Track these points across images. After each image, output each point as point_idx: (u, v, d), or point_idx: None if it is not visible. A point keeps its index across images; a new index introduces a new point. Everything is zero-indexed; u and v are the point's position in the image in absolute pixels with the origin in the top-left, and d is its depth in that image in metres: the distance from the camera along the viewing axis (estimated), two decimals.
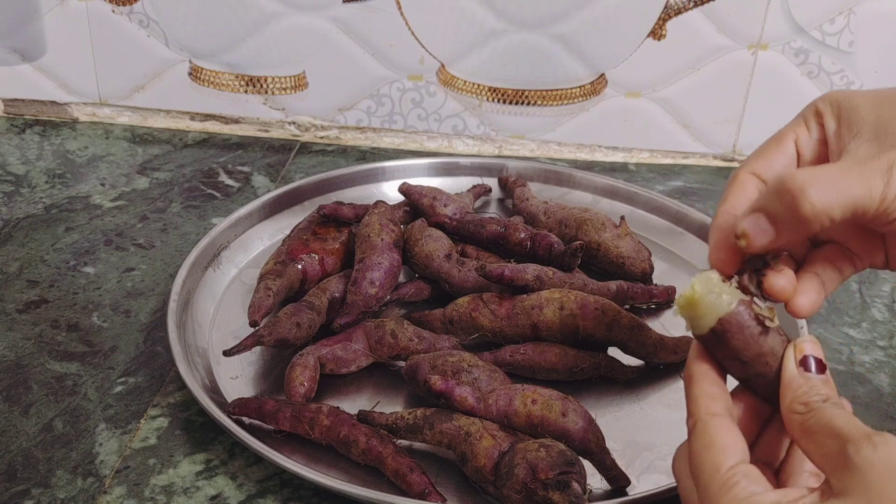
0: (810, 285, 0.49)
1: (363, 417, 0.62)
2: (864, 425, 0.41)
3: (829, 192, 0.43)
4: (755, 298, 0.47)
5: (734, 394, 0.48)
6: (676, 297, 0.48)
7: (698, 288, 0.47)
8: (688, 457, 0.45)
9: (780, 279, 0.47)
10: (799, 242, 0.51)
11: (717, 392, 0.46)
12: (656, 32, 0.94)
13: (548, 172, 0.92)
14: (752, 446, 0.47)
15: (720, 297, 0.46)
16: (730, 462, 0.43)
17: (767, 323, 0.46)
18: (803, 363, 0.45)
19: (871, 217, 0.45)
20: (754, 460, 0.46)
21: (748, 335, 0.46)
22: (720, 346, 0.47)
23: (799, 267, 0.50)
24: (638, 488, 0.60)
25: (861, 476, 0.39)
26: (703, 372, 0.47)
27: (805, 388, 0.44)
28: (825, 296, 0.50)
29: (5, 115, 1.05)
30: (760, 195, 0.46)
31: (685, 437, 0.50)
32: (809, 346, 0.46)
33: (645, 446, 0.64)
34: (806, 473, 0.46)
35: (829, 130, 0.50)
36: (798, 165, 0.51)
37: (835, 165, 0.46)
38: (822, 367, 0.45)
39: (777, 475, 0.48)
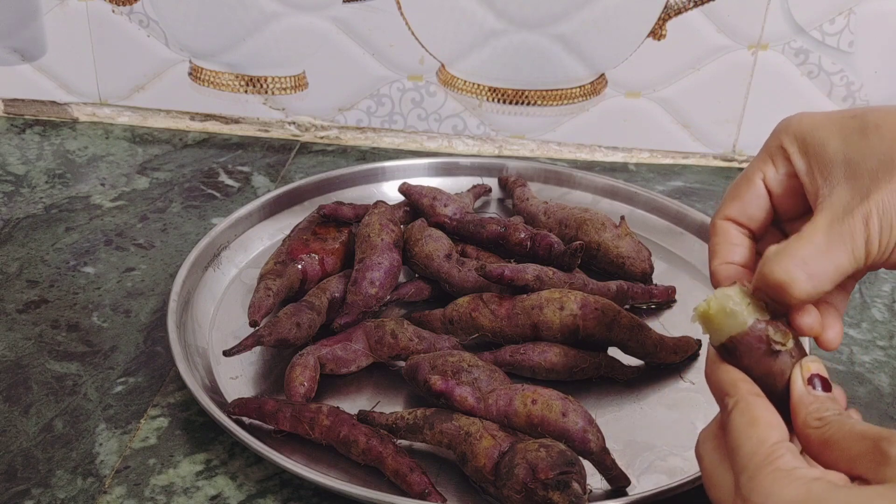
0: (833, 319, 0.51)
1: (363, 417, 0.62)
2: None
3: (814, 278, 0.46)
4: (773, 321, 0.47)
5: None
6: (694, 307, 0.49)
7: (714, 304, 0.48)
8: (725, 434, 0.46)
9: (807, 317, 0.49)
10: None
11: (749, 378, 0.47)
12: (656, 32, 0.94)
13: (548, 172, 0.92)
14: None
15: (734, 317, 0.47)
16: (775, 437, 0.44)
17: (779, 347, 0.47)
18: (812, 381, 0.46)
19: (862, 271, 0.47)
20: None
21: (758, 356, 0.47)
22: (731, 359, 0.48)
23: None
24: (638, 488, 0.60)
25: None
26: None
27: (816, 404, 0.45)
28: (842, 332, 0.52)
29: (5, 115, 1.05)
30: (756, 279, 0.48)
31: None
32: (815, 365, 0.47)
33: (645, 446, 0.64)
34: None
35: (800, 169, 0.51)
36: (771, 201, 0.53)
37: (810, 239, 0.47)
38: (827, 386, 0.47)
39: None
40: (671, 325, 0.74)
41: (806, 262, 0.46)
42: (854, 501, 0.39)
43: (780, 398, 0.47)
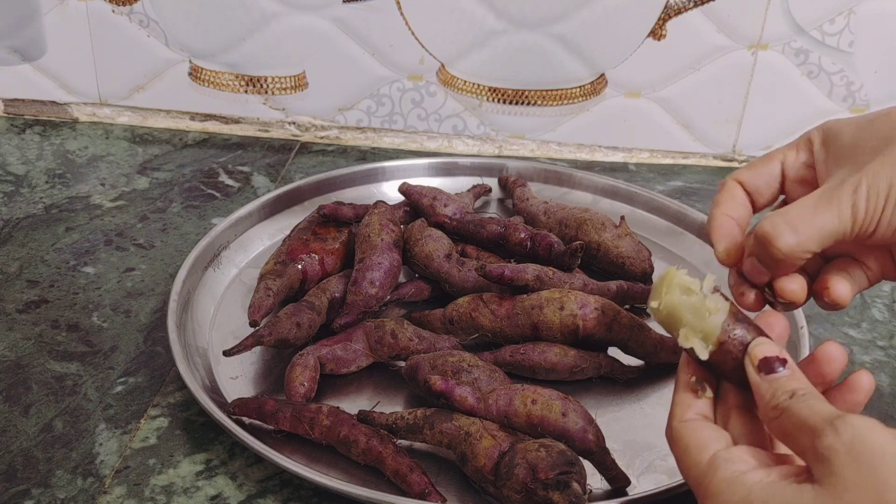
0: (839, 277, 0.53)
1: (363, 417, 0.62)
2: (830, 409, 0.42)
3: (798, 233, 0.48)
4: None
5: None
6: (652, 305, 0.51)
7: (661, 314, 0.50)
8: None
9: (790, 283, 0.51)
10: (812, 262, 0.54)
11: (690, 400, 0.49)
12: (656, 32, 0.94)
13: (548, 172, 0.92)
14: (745, 433, 0.49)
15: (677, 325, 0.49)
16: (707, 455, 0.45)
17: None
18: (763, 367, 0.46)
19: (851, 238, 0.49)
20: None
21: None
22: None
23: (814, 280, 0.54)
24: (638, 488, 0.60)
25: (828, 465, 0.40)
26: (682, 382, 0.50)
27: (770, 391, 0.45)
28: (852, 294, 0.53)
29: (5, 115, 1.05)
30: (751, 242, 0.51)
31: None
32: (762, 348, 0.47)
33: (645, 446, 0.64)
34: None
35: (819, 158, 0.53)
36: (783, 183, 0.55)
37: (802, 203, 0.49)
38: (782, 362, 0.46)
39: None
40: None
41: (792, 220, 0.48)
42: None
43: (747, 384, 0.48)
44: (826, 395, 0.48)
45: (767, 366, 0.46)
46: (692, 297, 0.49)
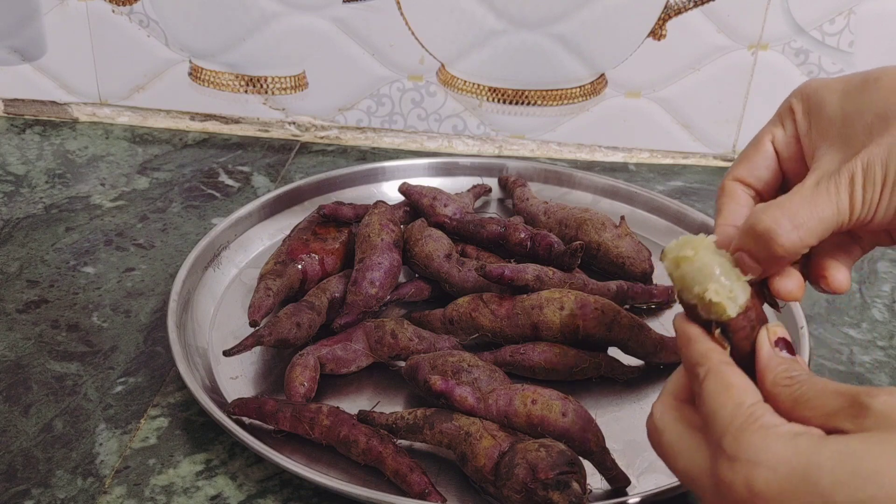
0: (834, 263, 0.51)
1: (363, 417, 0.62)
2: None
3: (800, 228, 0.46)
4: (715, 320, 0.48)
5: None
6: (666, 249, 0.49)
7: (691, 268, 0.48)
8: (698, 404, 0.46)
9: (787, 282, 0.50)
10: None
11: (720, 348, 0.47)
12: (656, 32, 0.94)
13: (548, 172, 0.92)
14: None
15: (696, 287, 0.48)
16: (751, 399, 0.44)
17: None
18: (776, 345, 0.47)
19: (848, 228, 0.48)
20: None
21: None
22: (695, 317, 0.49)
23: (808, 258, 0.52)
24: (638, 488, 0.60)
25: (882, 414, 0.40)
26: (700, 336, 0.48)
27: (785, 364, 0.45)
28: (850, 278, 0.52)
29: (5, 115, 1.05)
30: (738, 235, 0.49)
31: None
32: (783, 330, 0.47)
33: (645, 446, 0.63)
34: None
35: (801, 129, 0.51)
36: (779, 163, 0.53)
37: (799, 194, 0.47)
38: (791, 350, 0.47)
39: None
40: (671, 325, 0.74)
41: (792, 213, 0.47)
42: (842, 449, 0.40)
43: (745, 361, 0.47)
44: None
45: (780, 345, 0.46)
46: (724, 259, 0.48)
